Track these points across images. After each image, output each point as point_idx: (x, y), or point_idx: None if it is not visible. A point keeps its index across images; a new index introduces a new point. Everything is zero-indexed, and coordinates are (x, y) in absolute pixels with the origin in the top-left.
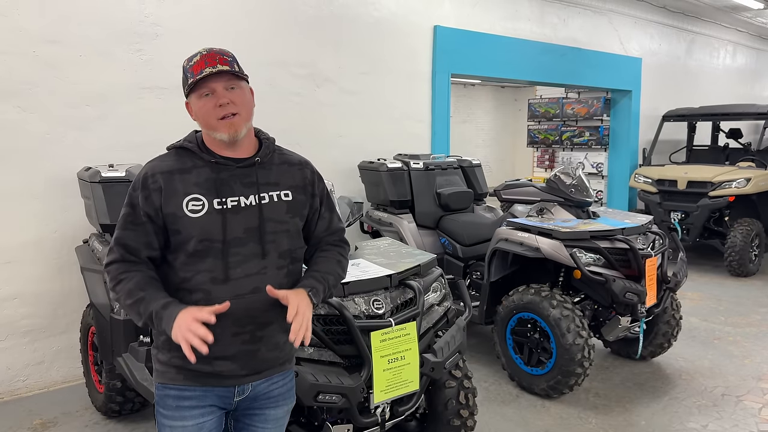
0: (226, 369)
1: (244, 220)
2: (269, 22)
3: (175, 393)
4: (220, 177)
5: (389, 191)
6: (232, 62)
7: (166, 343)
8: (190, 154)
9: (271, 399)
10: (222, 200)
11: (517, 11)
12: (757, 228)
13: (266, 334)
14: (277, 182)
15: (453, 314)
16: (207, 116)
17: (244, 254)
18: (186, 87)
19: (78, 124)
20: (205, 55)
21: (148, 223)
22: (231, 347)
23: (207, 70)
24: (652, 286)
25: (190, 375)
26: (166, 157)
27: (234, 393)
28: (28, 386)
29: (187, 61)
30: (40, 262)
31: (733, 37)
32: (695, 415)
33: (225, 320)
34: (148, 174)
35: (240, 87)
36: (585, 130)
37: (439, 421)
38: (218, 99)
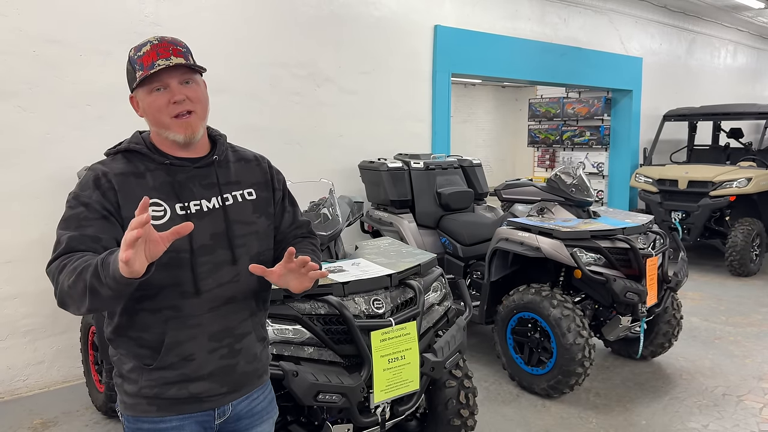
0: (203, 390)
1: (210, 225)
2: (269, 21)
3: (148, 426)
4: (177, 179)
5: (389, 191)
6: (186, 54)
7: (132, 372)
8: (138, 156)
9: (254, 417)
10: (184, 205)
11: (518, 11)
12: (758, 228)
13: (244, 345)
14: (238, 180)
15: (453, 314)
16: (158, 113)
17: (214, 262)
18: (134, 80)
19: (78, 123)
20: (156, 45)
21: (110, 217)
22: (208, 365)
23: (160, 63)
24: (652, 286)
25: (164, 404)
26: (111, 161)
27: (214, 416)
28: (28, 386)
29: (134, 50)
30: (40, 262)
31: (734, 37)
32: (696, 414)
33: (200, 337)
34: (99, 174)
35: (195, 81)
36: (586, 129)
37: (439, 420)
38: (172, 95)
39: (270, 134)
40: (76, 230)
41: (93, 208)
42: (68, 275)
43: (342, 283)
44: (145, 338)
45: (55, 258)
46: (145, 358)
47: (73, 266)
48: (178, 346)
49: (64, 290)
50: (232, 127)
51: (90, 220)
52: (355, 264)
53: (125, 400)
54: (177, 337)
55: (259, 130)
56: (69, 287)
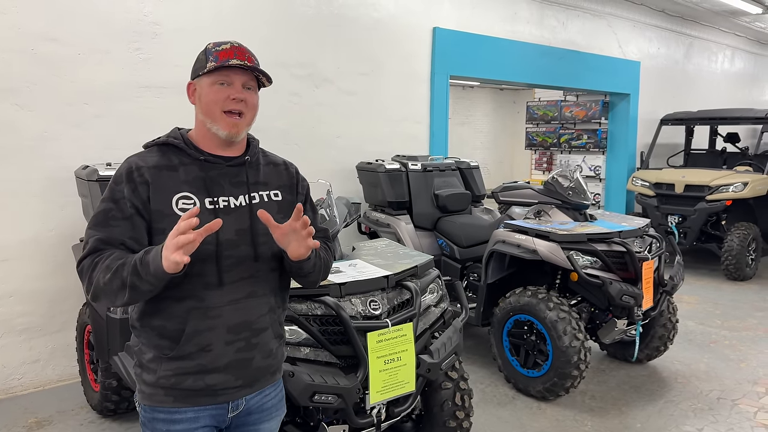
0: (219, 382)
1: (236, 221)
2: (268, 22)
3: (164, 416)
4: (209, 175)
5: (387, 192)
6: (258, 65)
7: (152, 362)
8: (175, 150)
9: (264, 412)
10: (213, 200)
11: (516, 14)
12: (754, 232)
13: (261, 340)
14: (266, 182)
15: (450, 316)
16: (213, 104)
17: (237, 257)
18: (203, 68)
19: (76, 122)
20: (236, 47)
21: (135, 216)
22: (224, 357)
23: (235, 62)
24: (648, 289)
25: (181, 396)
26: (146, 153)
27: (228, 409)
28: (23, 384)
29: (213, 44)
30: (36, 261)
31: (731, 42)
32: (691, 418)
33: (219, 328)
34: (132, 167)
35: (255, 92)
36: (583, 133)
37: (435, 422)
38: (233, 92)
39: (268, 134)
40: (103, 230)
41: (122, 206)
42: (103, 273)
43: (339, 284)
44: (167, 327)
45: (85, 256)
46: (164, 348)
47: (106, 264)
48: (197, 336)
49: (99, 287)
50: None
51: (117, 219)
52: (352, 265)
53: (143, 389)
54: (197, 326)
55: (257, 130)
56: (105, 284)
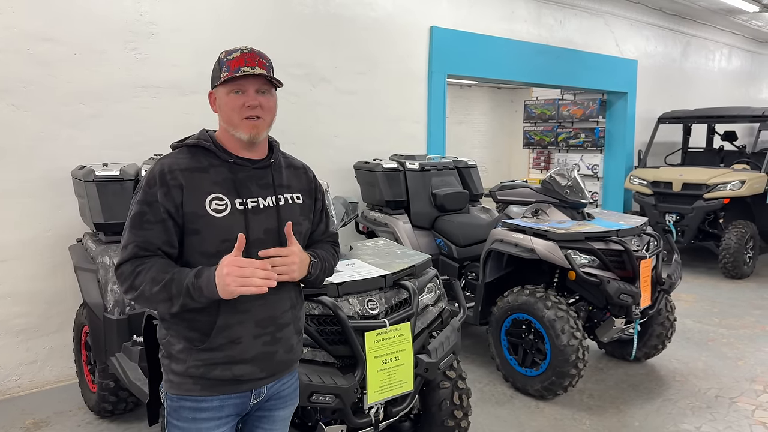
0: (245, 373)
1: (264, 221)
2: (265, 21)
3: (191, 405)
4: (238, 177)
5: (385, 192)
6: (269, 68)
7: (181, 352)
8: (204, 152)
9: (281, 399)
10: (243, 200)
11: (514, 12)
12: (751, 230)
13: (284, 335)
14: (289, 185)
15: (447, 315)
16: (232, 112)
17: None
18: (218, 78)
19: (72, 122)
20: (246, 54)
21: (168, 220)
22: (252, 349)
23: (246, 70)
24: (646, 288)
25: (208, 385)
26: (179, 155)
27: (250, 397)
28: (20, 385)
29: (225, 53)
30: (33, 261)
31: (728, 40)
32: (689, 416)
33: (248, 322)
34: (165, 170)
35: (270, 93)
36: (581, 131)
37: (433, 421)
38: (248, 99)
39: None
40: (140, 234)
41: (155, 209)
42: (150, 284)
43: (336, 283)
44: (198, 320)
45: (125, 261)
46: (194, 340)
47: (151, 275)
48: (228, 329)
49: (144, 296)
50: None
51: (151, 223)
52: (350, 265)
53: (171, 378)
54: (228, 320)
55: None
56: (152, 295)
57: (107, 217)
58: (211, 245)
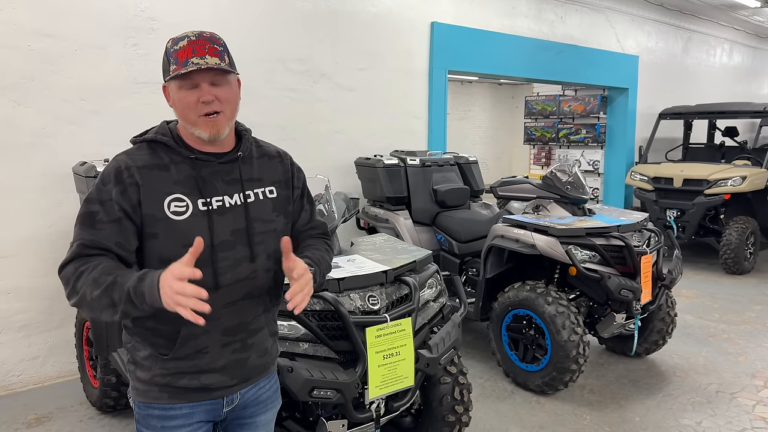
0: (214, 382)
1: (231, 222)
2: (266, 17)
3: (159, 413)
4: (201, 174)
5: (386, 187)
6: (222, 54)
7: (146, 359)
8: (164, 148)
9: (260, 405)
10: (207, 200)
11: (515, 8)
12: (752, 226)
13: (256, 340)
14: (260, 178)
15: (448, 310)
16: (187, 110)
17: (234, 258)
18: (166, 72)
19: (73, 118)
20: (193, 42)
21: (124, 220)
22: (221, 358)
23: (194, 61)
24: (647, 283)
25: (176, 392)
26: (136, 151)
27: (223, 404)
28: (22, 381)
29: (171, 42)
30: (35, 257)
31: (729, 35)
32: (689, 411)
33: (215, 331)
34: (121, 167)
35: (227, 82)
36: (582, 127)
37: (434, 416)
38: (202, 95)
39: (266, 130)
40: (88, 232)
41: (108, 208)
42: (90, 287)
43: (337, 279)
44: (161, 329)
45: (69, 261)
46: (160, 347)
47: (92, 277)
48: (193, 339)
49: (85, 300)
50: None
51: (104, 223)
52: (351, 260)
53: (137, 386)
54: (192, 330)
55: (255, 125)
56: (92, 299)
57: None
58: (172, 251)
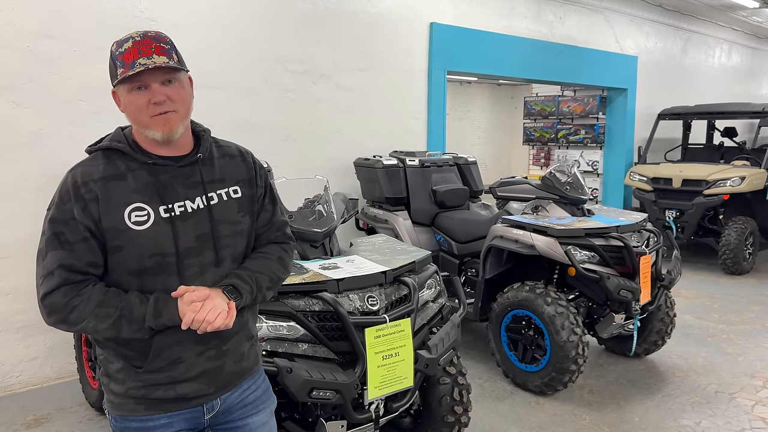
0: (191, 391)
1: (195, 227)
2: (265, 17)
3: (136, 425)
4: (161, 180)
5: (385, 188)
6: (170, 52)
7: (120, 372)
8: (120, 155)
9: (248, 407)
10: (168, 207)
11: (514, 9)
12: (751, 226)
13: (231, 346)
14: (223, 178)
15: (448, 311)
16: (138, 112)
17: (200, 264)
18: (114, 77)
19: (73, 119)
20: (138, 42)
21: (90, 239)
22: (196, 367)
23: (141, 62)
24: (646, 284)
25: (152, 404)
26: (91, 162)
27: (203, 412)
28: (21, 382)
29: (116, 45)
30: (33, 258)
31: (728, 36)
32: (689, 412)
33: (187, 341)
34: (78, 182)
35: (178, 80)
36: (581, 128)
37: (433, 417)
38: (152, 95)
39: (265, 130)
40: (62, 254)
41: (72, 228)
42: (93, 321)
43: (336, 279)
44: (132, 342)
45: (53, 289)
46: (132, 359)
47: (92, 310)
48: (167, 350)
49: (86, 331)
50: (227, 123)
51: (71, 243)
52: (350, 261)
53: (112, 399)
54: (164, 341)
55: (254, 126)
56: (96, 332)
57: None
58: (137, 262)
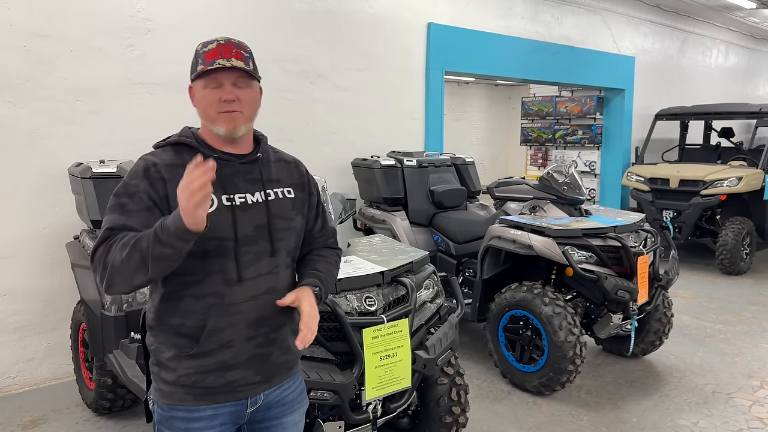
0: (239, 378)
1: (253, 218)
2: (262, 17)
3: (183, 415)
4: (224, 173)
5: (382, 188)
6: (248, 59)
7: (171, 360)
8: (187, 149)
9: (285, 406)
10: (230, 197)
11: (511, 9)
12: (748, 226)
13: (279, 336)
14: (279, 179)
15: (445, 311)
16: (208, 107)
17: (255, 252)
18: (194, 72)
19: (69, 119)
20: (222, 45)
21: (154, 209)
22: (244, 352)
23: (220, 62)
24: (643, 284)
25: (201, 394)
26: (161, 153)
27: (247, 405)
28: (18, 383)
29: (201, 45)
30: (30, 259)
31: (725, 37)
32: (686, 412)
33: (239, 324)
34: (149, 164)
35: (250, 86)
36: (578, 128)
37: (431, 417)
38: (224, 93)
39: (262, 130)
40: (118, 217)
41: (138, 198)
42: (119, 252)
43: None
44: (186, 325)
45: (99, 245)
46: (184, 346)
47: (122, 243)
48: (219, 333)
49: (116, 267)
50: None
51: (133, 212)
52: (348, 261)
53: (162, 388)
54: (218, 323)
55: None
56: (122, 262)
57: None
58: (198, 244)
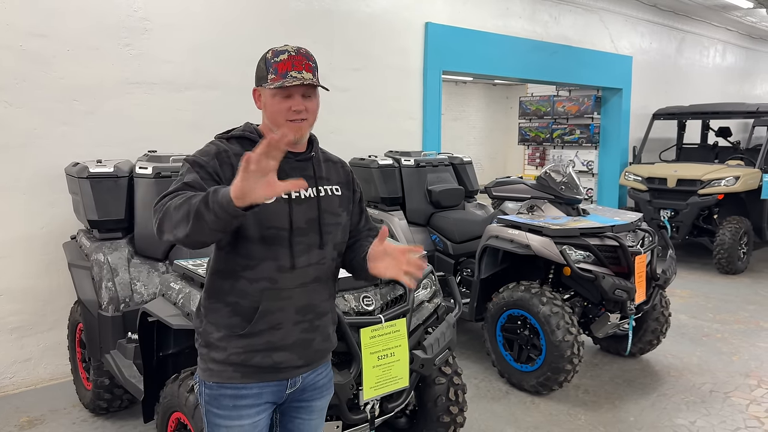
0: (284, 360)
1: (306, 211)
2: (259, 17)
3: (231, 392)
4: (283, 168)
5: (380, 188)
6: (315, 70)
7: (221, 340)
8: (250, 143)
9: (317, 390)
10: None
11: (509, 9)
12: (745, 226)
13: (322, 324)
14: (329, 177)
15: (443, 311)
16: (277, 114)
17: (306, 243)
18: (263, 79)
19: (66, 119)
20: (293, 57)
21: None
22: (291, 336)
23: (293, 74)
24: (641, 283)
25: (249, 372)
26: (229, 143)
27: (287, 386)
28: (15, 383)
29: (272, 53)
30: (27, 259)
31: (723, 36)
32: (683, 411)
33: (288, 309)
34: (220, 149)
35: (315, 95)
36: (576, 127)
37: (428, 417)
38: (294, 104)
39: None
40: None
41: (207, 172)
42: (176, 201)
43: None
44: (241, 304)
45: (168, 194)
46: (235, 326)
47: (182, 195)
48: (270, 315)
49: (168, 213)
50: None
51: (203, 179)
52: None
53: (211, 367)
54: (270, 306)
55: None
56: (174, 209)
57: (101, 214)
58: (257, 230)
